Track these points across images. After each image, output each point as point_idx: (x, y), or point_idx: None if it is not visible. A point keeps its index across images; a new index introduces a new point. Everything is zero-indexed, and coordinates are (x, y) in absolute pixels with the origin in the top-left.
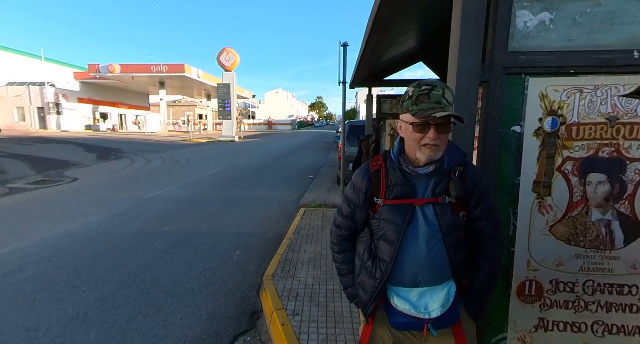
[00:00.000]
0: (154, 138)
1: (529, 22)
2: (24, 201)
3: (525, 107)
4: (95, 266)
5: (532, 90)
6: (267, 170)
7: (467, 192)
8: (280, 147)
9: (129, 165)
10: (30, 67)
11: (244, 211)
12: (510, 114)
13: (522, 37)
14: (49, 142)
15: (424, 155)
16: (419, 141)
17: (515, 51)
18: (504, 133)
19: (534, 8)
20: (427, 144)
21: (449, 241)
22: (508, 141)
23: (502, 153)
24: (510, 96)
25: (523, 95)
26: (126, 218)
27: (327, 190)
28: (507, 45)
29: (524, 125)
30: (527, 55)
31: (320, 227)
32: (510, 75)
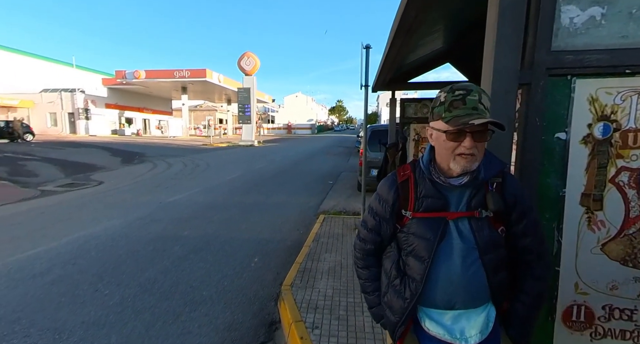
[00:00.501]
0: (175, 143)
1: (577, 18)
2: (54, 204)
3: (572, 112)
4: (117, 269)
5: (580, 93)
6: (286, 175)
7: (507, 206)
8: (299, 151)
9: (151, 169)
10: (62, 75)
11: (263, 217)
12: (554, 120)
13: (568, 34)
14: (78, 146)
15: (458, 165)
16: (453, 150)
17: (559, 50)
18: (546, 141)
19: (582, 3)
20: (462, 154)
21: (487, 260)
22: (551, 149)
23: (545, 163)
24: (554, 100)
25: (569, 99)
26: (147, 222)
27: (348, 197)
28: (550, 44)
29: (570, 131)
30: (574, 55)
31: (341, 235)
32: (554, 76)
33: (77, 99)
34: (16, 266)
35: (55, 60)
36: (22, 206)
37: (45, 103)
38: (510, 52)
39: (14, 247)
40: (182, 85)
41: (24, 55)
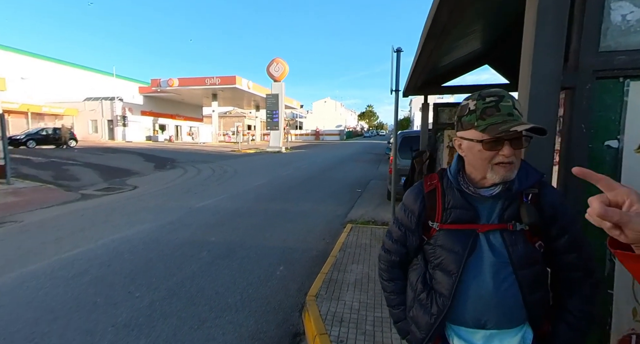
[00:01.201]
0: (205, 149)
1: (630, 16)
2: (93, 207)
3: (625, 117)
4: (148, 273)
5: (635, 96)
6: (313, 182)
7: (544, 219)
8: (327, 158)
9: (182, 174)
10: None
11: (288, 225)
12: (603, 126)
13: (620, 33)
14: (115, 151)
15: (497, 175)
16: (490, 160)
17: (609, 51)
18: (595, 149)
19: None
20: (501, 162)
21: (523, 277)
22: (601, 158)
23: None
24: (603, 104)
25: (621, 103)
26: (177, 226)
27: (376, 206)
28: (597, 44)
29: (622, 139)
30: (627, 55)
31: (368, 246)
32: (602, 79)
33: (116, 107)
34: (59, 265)
35: (98, 70)
36: (65, 208)
37: (88, 111)
38: (551, 54)
39: (58, 247)
40: (213, 92)
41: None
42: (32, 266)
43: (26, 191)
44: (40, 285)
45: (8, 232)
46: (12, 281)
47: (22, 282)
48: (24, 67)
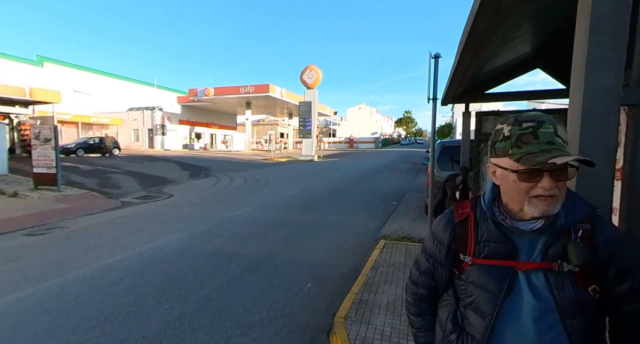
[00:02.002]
0: (238, 157)
1: None
2: (131, 215)
3: None
4: (178, 284)
5: None
6: (346, 193)
7: (598, 260)
8: (361, 167)
9: (215, 183)
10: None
11: (318, 239)
12: None
13: None
14: (154, 160)
15: (536, 209)
16: (527, 192)
17: None
18: None
19: None
20: (540, 196)
21: (573, 327)
22: None
23: None
24: None
25: None
26: (208, 237)
27: (413, 221)
28: None
29: None
30: None
31: (403, 265)
32: None
33: (156, 116)
34: (98, 273)
35: (140, 81)
36: (106, 215)
37: (131, 121)
38: (609, 67)
39: (98, 254)
40: (247, 101)
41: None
42: (75, 272)
43: (74, 198)
44: (81, 291)
45: (56, 237)
46: (57, 287)
47: (65, 288)
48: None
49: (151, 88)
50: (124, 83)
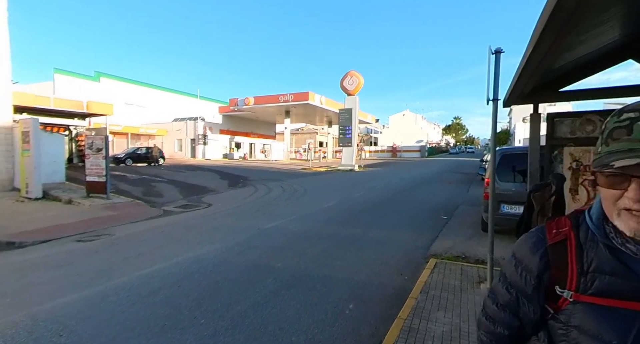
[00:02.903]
0: (276, 166)
1: None
2: (171, 224)
3: None
4: (214, 297)
5: None
6: (389, 205)
7: None
8: (405, 178)
9: (252, 193)
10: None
11: (360, 255)
12: None
13: None
14: (195, 169)
15: (625, 225)
16: (614, 201)
17: None
18: None
19: None
20: (629, 209)
21: None
22: None
23: None
24: None
25: None
26: (244, 248)
27: (468, 238)
28: None
29: None
30: None
31: (459, 289)
32: None
33: (198, 126)
34: (137, 282)
35: (184, 92)
36: (148, 224)
37: (175, 131)
38: None
39: (138, 263)
40: (286, 109)
41: (162, 90)
42: (116, 281)
43: (120, 206)
44: (120, 301)
45: (102, 244)
46: (99, 294)
47: (106, 296)
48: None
49: (194, 99)
50: (170, 95)
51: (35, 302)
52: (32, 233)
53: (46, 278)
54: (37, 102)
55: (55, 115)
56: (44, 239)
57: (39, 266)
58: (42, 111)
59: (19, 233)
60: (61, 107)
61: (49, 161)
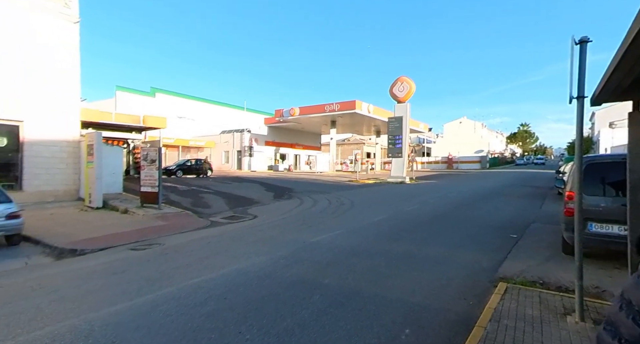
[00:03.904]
0: (322, 178)
1: None
2: (217, 235)
3: None
4: (260, 312)
5: None
6: (446, 221)
7: None
8: (463, 191)
9: (298, 205)
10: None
11: (415, 274)
12: None
13: None
14: (241, 181)
15: None
16: None
17: None
18: None
19: None
20: None
21: None
22: None
23: None
24: None
25: None
26: (290, 262)
27: (545, 260)
28: None
29: None
30: None
31: (538, 320)
32: None
33: (244, 138)
34: (185, 292)
35: (231, 105)
36: (196, 234)
37: (222, 143)
38: None
39: (186, 273)
40: (332, 119)
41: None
42: (165, 290)
43: (170, 216)
44: (169, 311)
45: (153, 253)
46: (149, 303)
47: (156, 305)
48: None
49: (241, 111)
50: (218, 108)
51: (91, 308)
52: (92, 240)
53: (102, 285)
54: (100, 117)
55: (116, 129)
56: (102, 247)
57: (96, 273)
58: (104, 126)
59: (81, 240)
60: (121, 122)
61: (109, 172)
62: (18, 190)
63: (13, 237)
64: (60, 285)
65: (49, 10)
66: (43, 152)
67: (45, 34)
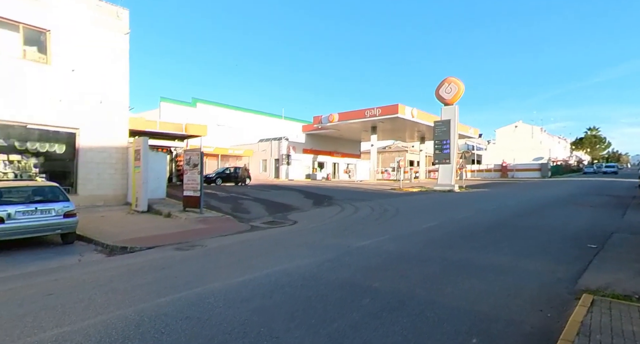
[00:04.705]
0: (362, 187)
1: None
2: (259, 238)
3: None
4: (307, 312)
5: None
6: (507, 229)
7: None
8: (523, 200)
9: (339, 212)
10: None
11: (476, 282)
12: None
13: None
14: (279, 188)
15: None
16: None
17: None
18: None
19: None
20: None
21: None
22: None
23: None
24: None
25: None
26: (336, 265)
27: (637, 273)
28: None
29: None
30: None
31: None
32: None
33: (282, 146)
34: (230, 289)
35: (269, 113)
36: (237, 237)
37: (260, 152)
38: None
39: (230, 272)
40: (372, 125)
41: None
42: (211, 285)
43: (211, 220)
44: (216, 303)
45: (196, 254)
46: (196, 296)
47: (203, 298)
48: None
49: (279, 120)
50: (256, 117)
51: (141, 299)
52: (140, 240)
53: (150, 279)
54: (146, 126)
55: (160, 137)
56: (149, 246)
57: (145, 268)
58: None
59: (130, 239)
60: (165, 130)
61: (153, 177)
62: (73, 194)
63: (68, 235)
64: (112, 279)
65: (102, 22)
66: (95, 158)
67: (99, 45)
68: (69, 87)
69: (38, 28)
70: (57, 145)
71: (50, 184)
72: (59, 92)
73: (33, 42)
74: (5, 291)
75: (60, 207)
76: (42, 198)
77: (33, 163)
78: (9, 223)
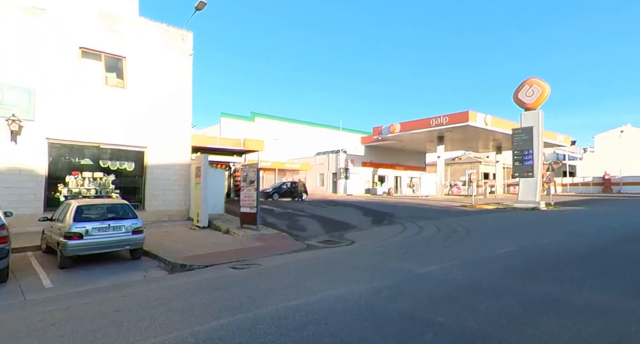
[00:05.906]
0: (427, 203)
1: None
2: (314, 258)
3: None
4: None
5: None
6: (609, 258)
7: None
8: (633, 222)
9: (400, 231)
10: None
11: (568, 324)
12: None
13: None
14: (336, 205)
15: None
16: None
17: None
18: None
19: None
20: None
21: None
22: None
23: None
24: None
25: None
26: (395, 293)
27: None
28: None
29: None
30: None
31: None
32: None
33: (340, 159)
34: (283, 313)
35: (326, 125)
36: (293, 257)
37: (317, 165)
38: None
39: (284, 294)
40: (439, 134)
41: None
42: (264, 309)
43: (267, 238)
44: (269, 330)
45: (252, 273)
46: (250, 321)
47: (256, 323)
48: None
49: (336, 131)
50: (313, 129)
51: (197, 321)
52: (198, 257)
53: (207, 299)
54: (207, 142)
55: (220, 153)
56: (207, 264)
57: (202, 287)
58: (210, 150)
59: (190, 256)
60: (224, 146)
61: (212, 193)
62: (141, 210)
63: (136, 251)
64: (172, 297)
65: (169, 46)
66: (160, 174)
67: (166, 67)
68: (139, 108)
69: (116, 55)
70: (127, 163)
71: (121, 202)
72: (132, 113)
73: (112, 69)
74: (82, 306)
75: (129, 224)
76: (114, 215)
77: (112, 180)
78: (87, 239)
